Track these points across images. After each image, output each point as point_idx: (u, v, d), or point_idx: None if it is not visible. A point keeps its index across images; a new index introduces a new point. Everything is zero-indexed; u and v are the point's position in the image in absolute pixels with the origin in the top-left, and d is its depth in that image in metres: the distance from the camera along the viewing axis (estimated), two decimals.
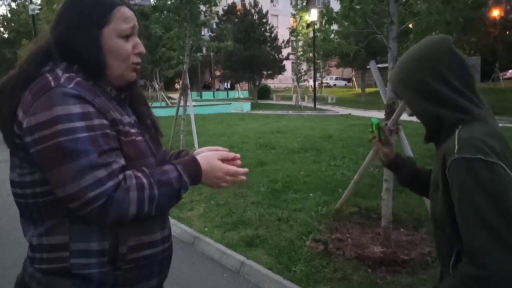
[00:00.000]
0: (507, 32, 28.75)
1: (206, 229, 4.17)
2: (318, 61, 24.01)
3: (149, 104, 1.27)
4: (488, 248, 0.95)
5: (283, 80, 38.73)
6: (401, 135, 3.69)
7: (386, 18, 3.69)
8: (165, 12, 7.53)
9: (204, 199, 5.08)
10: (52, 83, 0.96)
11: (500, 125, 1.10)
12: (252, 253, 3.57)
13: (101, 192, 0.92)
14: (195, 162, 1.08)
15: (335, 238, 3.71)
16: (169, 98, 22.53)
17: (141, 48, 1.10)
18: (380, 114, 3.98)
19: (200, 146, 7.43)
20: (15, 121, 0.98)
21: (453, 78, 1.11)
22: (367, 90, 27.91)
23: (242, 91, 33.84)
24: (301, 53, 22.70)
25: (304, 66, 25.94)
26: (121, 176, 0.96)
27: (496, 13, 27.17)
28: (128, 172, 0.98)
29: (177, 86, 37.36)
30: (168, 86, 34.87)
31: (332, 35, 4.82)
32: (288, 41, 27.76)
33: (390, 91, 3.76)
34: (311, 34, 21.02)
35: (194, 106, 7.59)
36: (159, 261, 1.10)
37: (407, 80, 1.17)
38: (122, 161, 0.99)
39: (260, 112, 19.25)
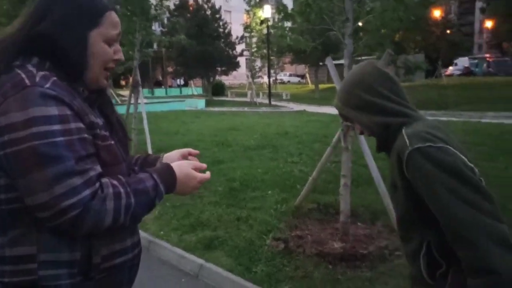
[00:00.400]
0: (448, 31, 30.50)
1: (162, 232, 4.00)
2: (272, 57, 24.13)
3: None
4: (488, 252, 0.99)
5: (238, 77, 38.61)
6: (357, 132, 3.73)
7: (341, 15, 3.71)
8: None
9: None
10: (27, 81, 0.89)
11: (444, 119, 1.13)
12: (211, 255, 3.45)
13: (77, 201, 0.86)
14: (170, 171, 1.06)
15: (295, 236, 3.69)
16: (118, 95, 21.71)
17: (121, 56, 1.08)
18: (333, 110, 4.00)
19: (153, 145, 7.18)
20: None
21: (386, 91, 1.25)
22: (321, 86, 28.52)
23: (196, 87, 33.32)
24: (255, 49, 22.74)
25: (258, 63, 26.03)
26: (97, 184, 0.91)
27: (437, 13, 28.75)
28: (105, 180, 0.93)
29: (123, 83, 36.13)
30: (117, 83, 33.65)
31: (287, 32, 4.80)
32: (242, 37, 27.68)
33: None
34: (265, 31, 21.08)
35: (146, 103, 7.30)
36: (129, 268, 1.07)
37: (350, 101, 1.29)
38: (98, 168, 0.93)
39: (215, 109, 19.04)
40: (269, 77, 22.54)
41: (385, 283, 2.84)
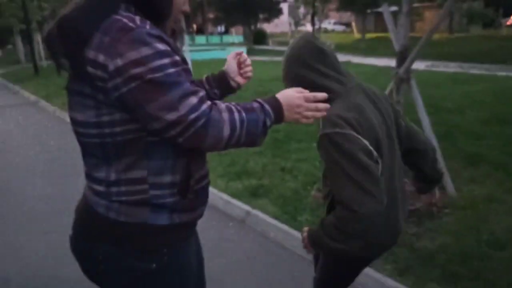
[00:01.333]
0: None
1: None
2: (316, 4, 23.06)
3: None
4: (355, 197, 1.27)
5: (279, 25, 37.41)
6: (412, 84, 3.55)
7: None
8: None
9: None
10: (131, 24, 0.98)
11: (502, 73, 1.09)
12: (257, 202, 3.56)
13: (200, 114, 0.99)
14: (273, 97, 1.15)
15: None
16: None
17: (187, 7, 1.20)
18: (379, 62, 3.82)
19: None
20: (87, 62, 0.98)
21: (319, 64, 1.38)
22: (367, 35, 27.14)
23: (237, 35, 32.76)
24: None
25: (302, 10, 24.98)
26: (209, 102, 1.04)
27: None
28: (213, 101, 1.06)
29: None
30: None
31: None
32: None
33: (404, 37, 3.58)
34: None
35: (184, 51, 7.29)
36: (207, 190, 1.25)
37: (287, 75, 1.45)
38: (202, 91, 1.05)
39: (257, 58, 18.72)
40: (313, 25, 21.71)
41: (433, 238, 2.82)
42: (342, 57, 18.60)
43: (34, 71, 13.62)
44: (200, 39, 32.80)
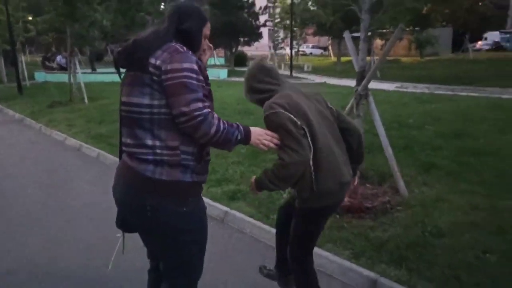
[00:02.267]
0: (480, 3, 29.38)
1: None
2: (295, 29, 24.04)
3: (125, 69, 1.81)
4: (284, 151, 1.87)
5: (260, 48, 38.42)
6: (370, 100, 4.07)
7: None
8: None
9: None
10: (181, 49, 1.65)
11: (463, 94, 1.53)
12: (235, 205, 3.97)
13: (201, 113, 1.59)
14: (247, 126, 1.80)
15: None
16: None
17: (207, 47, 1.86)
18: (353, 83, 4.33)
19: None
20: (149, 65, 1.62)
21: (264, 77, 2.10)
22: (343, 59, 28.24)
23: (218, 57, 33.50)
24: (278, 20, 22.67)
25: (281, 34, 25.93)
26: (209, 110, 1.62)
27: None
28: (213, 111, 1.67)
29: None
30: None
31: (310, 3, 5.05)
32: (265, 8, 27.46)
33: (362, 60, 4.13)
34: (288, 1, 20.95)
35: None
36: (208, 164, 1.83)
37: (246, 88, 2.16)
38: (208, 103, 1.66)
39: (237, 79, 19.32)
40: (291, 48, 22.56)
41: (385, 230, 3.28)
42: (319, 79, 19.34)
43: (18, 91, 13.78)
44: None
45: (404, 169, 4.43)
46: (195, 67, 1.62)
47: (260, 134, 1.83)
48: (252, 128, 1.80)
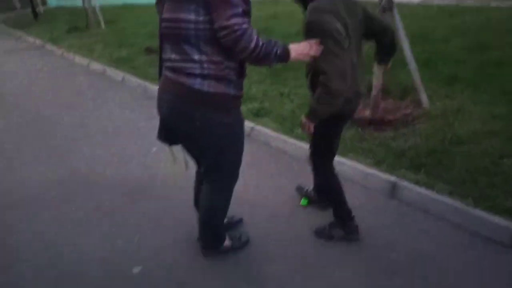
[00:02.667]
0: None
1: None
2: None
3: None
4: (330, 63, 1.91)
5: None
6: (394, 13, 3.97)
7: None
8: None
9: None
10: None
11: (494, 5, 1.53)
12: (260, 121, 4.14)
13: (241, 27, 1.65)
14: (287, 44, 1.86)
15: None
16: None
17: None
18: None
19: None
20: None
21: None
22: None
23: None
24: None
25: None
26: (250, 25, 1.69)
27: None
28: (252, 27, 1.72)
29: None
30: None
31: None
32: None
33: None
34: None
35: None
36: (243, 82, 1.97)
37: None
38: (248, 19, 1.71)
39: None
40: None
41: (406, 140, 3.42)
42: None
43: (34, 17, 13.66)
44: None
45: (427, 83, 4.44)
46: None
47: (299, 49, 1.88)
48: (291, 45, 1.86)
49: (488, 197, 2.58)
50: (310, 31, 1.94)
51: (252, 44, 1.67)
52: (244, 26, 1.65)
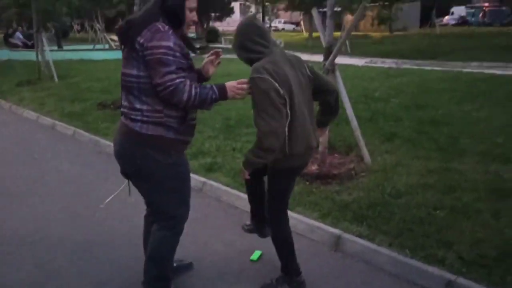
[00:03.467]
0: None
1: None
2: (266, 4, 23.91)
3: (92, 46, 2.19)
4: (263, 120, 2.05)
5: (231, 23, 37.99)
6: (337, 74, 4.33)
7: None
8: None
9: None
10: (162, 29, 1.96)
11: (428, 68, 1.74)
12: (212, 175, 4.21)
13: (173, 83, 1.91)
14: (222, 83, 2.09)
15: None
16: (111, 40, 21.60)
17: (195, 19, 2.11)
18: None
19: None
20: (136, 43, 1.95)
21: (255, 36, 2.16)
22: (315, 34, 28.37)
23: (190, 33, 32.92)
24: None
25: (252, 9, 25.74)
26: (182, 80, 1.94)
27: None
28: (187, 80, 1.96)
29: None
30: (109, 27, 32.94)
31: None
32: None
33: (329, 36, 4.36)
34: None
35: None
36: (193, 128, 2.19)
37: (236, 44, 2.22)
38: (184, 74, 1.98)
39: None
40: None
41: (349, 193, 3.61)
42: (290, 52, 19.52)
43: None
44: None
45: (368, 139, 4.77)
46: (172, 45, 1.92)
47: (233, 86, 2.09)
48: (226, 83, 2.08)
49: (423, 247, 2.75)
50: (251, 89, 2.10)
51: (185, 96, 1.93)
52: (177, 81, 1.90)
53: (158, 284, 2.31)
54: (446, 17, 37.02)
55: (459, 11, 37.36)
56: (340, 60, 4.30)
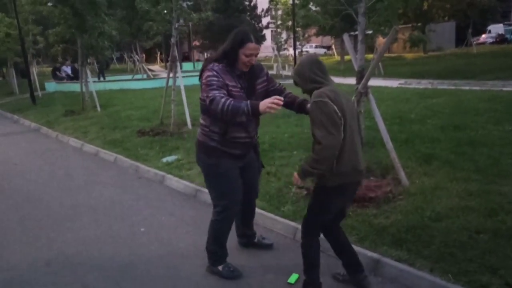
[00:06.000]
0: None
1: None
2: (297, 29, 24.28)
3: (131, 77, 2.43)
4: (323, 135, 2.29)
5: (263, 50, 38.63)
6: (370, 97, 4.35)
7: None
8: None
9: None
10: (210, 67, 2.69)
11: (466, 88, 1.80)
12: None
13: (212, 95, 2.54)
14: (256, 101, 2.54)
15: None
16: (149, 70, 22.53)
17: (252, 62, 2.74)
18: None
19: (190, 116, 7.99)
20: (202, 76, 2.72)
21: (316, 70, 2.49)
22: (346, 57, 28.41)
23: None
24: (280, 22, 22.92)
25: (284, 35, 26.17)
26: (220, 94, 2.55)
27: None
28: (224, 96, 2.55)
29: (157, 57, 37.00)
30: (146, 58, 34.49)
31: (311, 4, 5.31)
32: (267, 10, 27.82)
33: (360, 60, 4.41)
34: (290, 2, 21.23)
35: (177, 77, 7.98)
36: (238, 144, 2.81)
37: (299, 75, 2.54)
38: (224, 91, 2.60)
39: None
40: (294, 49, 22.80)
41: (387, 217, 3.55)
42: None
43: (32, 101, 14.23)
44: (187, 65, 33.76)
45: (405, 161, 4.70)
46: (214, 73, 2.64)
47: (267, 101, 2.41)
48: (260, 101, 2.45)
49: (466, 273, 2.66)
50: (312, 111, 2.36)
51: (220, 106, 2.48)
52: (216, 94, 2.52)
53: (213, 257, 3.04)
54: (483, 36, 36.08)
55: (496, 29, 36.34)
56: (373, 82, 4.33)
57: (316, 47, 45.99)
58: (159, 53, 37.98)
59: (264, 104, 2.39)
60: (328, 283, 2.84)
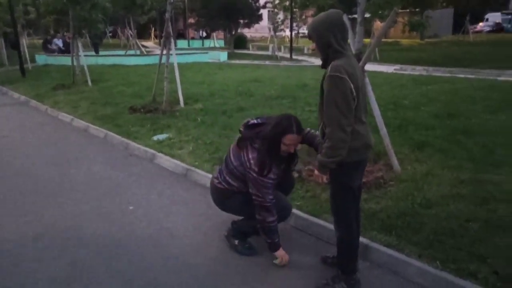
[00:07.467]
0: None
1: (197, 163, 4.79)
2: (295, 10, 23.91)
3: (124, 52, 2.29)
4: (338, 118, 2.16)
5: (259, 30, 38.23)
6: (366, 81, 4.27)
7: None
8: None
9: (192, 139, 5.66)
10: (267, 161, 2.71)
11: (461, 76, 1.73)
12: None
13: (270, 206, 2.75)
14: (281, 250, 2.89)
15: (307, 169, 4.40)
16: (143, 46, 22.10)
17: (292, 150, 2.75)
18: None
19: (183, 94, 7.87)
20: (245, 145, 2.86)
21: (338, 33, 2.19)
22: None
23: (218, 40, 33.36)
24: (278, 1, 22.54)
25: (281, 16, 25.80)
26: (273, 201, 2.77)
27: None
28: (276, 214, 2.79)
29: (151, 33, 36.36)
30: (140, 34, 33.79)
31: None
32: None
33: (358, 42, 4.33)
34: None
35: (171, 54, 7.81)
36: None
37: (318, 32, 2.23)
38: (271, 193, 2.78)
39: (237, 61, 19.43)
40: (291, 30, 22.51)
41: (377, 202, 3.54)
42: (318, 61, 19.41)
43: (21, 73, 13.92)
44: (182, 43, 33.24)
45: (398, 148, 4.68)
46: (274, 176, 2.72)
47: (285, 258, 2.85)
48: (282, 252, 2.86)
49: (454, 260, 2.66)
50: (327, 85, 2.17)
51: (264, 219, 2.74)
52: (272, 209, 2.74)
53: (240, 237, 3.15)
54: (481, 24, 35.94)
55: (494, 17, 36.21)
56: (369, 67, 4.24)
57: None
58: (153, 29, 37.25)
59: (281, 254, 2.85)
60: (318, 266, 2.84)
